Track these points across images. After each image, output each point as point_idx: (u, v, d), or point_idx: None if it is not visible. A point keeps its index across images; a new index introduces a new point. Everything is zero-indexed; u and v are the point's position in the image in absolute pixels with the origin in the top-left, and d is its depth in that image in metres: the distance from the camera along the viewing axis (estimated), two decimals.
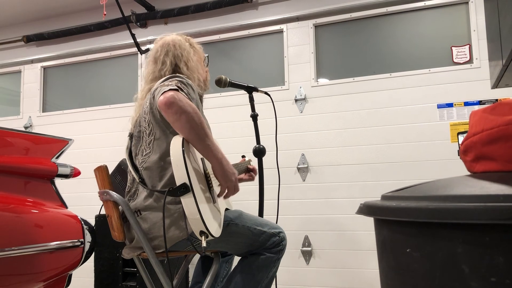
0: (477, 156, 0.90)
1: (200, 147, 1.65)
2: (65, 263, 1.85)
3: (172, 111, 1.57)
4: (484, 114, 0.89)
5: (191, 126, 1.59)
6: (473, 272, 0.69)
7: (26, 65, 4.55)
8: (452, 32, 3.29)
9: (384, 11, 3.44)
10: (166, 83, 1.69)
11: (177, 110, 1.57)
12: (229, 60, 3.89)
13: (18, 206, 1.75)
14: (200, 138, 1.62)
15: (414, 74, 3.30)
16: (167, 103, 1.57)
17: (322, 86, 3.54)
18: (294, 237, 3.37)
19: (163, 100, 1.58)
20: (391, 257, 0.87)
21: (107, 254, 2.99)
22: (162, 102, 1.58)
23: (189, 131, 1.61)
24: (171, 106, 1.57)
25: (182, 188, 1.53)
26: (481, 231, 0.68)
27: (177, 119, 1.58)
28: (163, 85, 1.67)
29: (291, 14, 3.67)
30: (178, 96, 1.58)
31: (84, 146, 4.07)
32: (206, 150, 1.65)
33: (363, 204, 0.97)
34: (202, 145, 1.64)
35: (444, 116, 3.20)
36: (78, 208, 2.64)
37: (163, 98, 1.58)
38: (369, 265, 3.22)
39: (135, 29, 4.02)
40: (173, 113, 1.58)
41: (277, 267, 1.91)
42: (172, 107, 1.57)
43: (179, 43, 1.94)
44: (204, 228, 1.53)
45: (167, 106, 1.57)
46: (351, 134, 3.39)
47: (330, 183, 3.39)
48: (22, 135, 1.95)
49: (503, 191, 0.70)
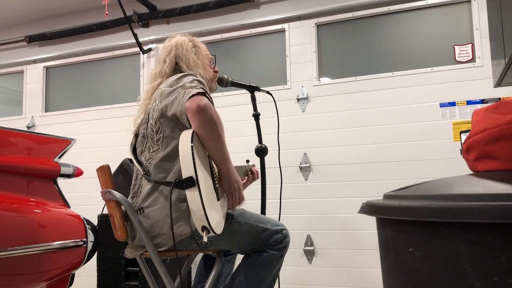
0: (480, 155, 0.90)
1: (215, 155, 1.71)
2: (67, 263, 1.85)
3: (202, 118, 1.60)
4: (487, 113, 0.89)
5: (213, 135, 1.64)
6: (476, 271, 0.69)
7: (29, 65, 4.56)
8: (454, 30, 3.28)
9: (386, 10, 3.43)
10: (187, 84, 1.70)
11: (206, 118, 1.60)
12: (231, 60, 3.89)
13: (21, 206, 1.75)
14: (218, 148, 1.69)
15: (417, 73, 3.30)
16: (198, 109, 1.59)
17: (324, 85, 3.53)
18: (296, 237, 3.36)
19: (194, 105, 1.60)
20: (393, 256, 0.87)
21: (110, 253, 3.00)
22: (193, 107, 1.60)
23: (210, 139, 1.65)
24: (201, 113, 1.60)
25: (188, 181, 1.55)
26: (484, 230, 0.68)
27: (202, 126, 1.62)
28: (186, 87, 1.68)
29: (293, 14, 3.67)
30: (207, 102, 1.61)
31: (86, 146, 4.08)
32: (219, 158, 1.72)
33: (365, 203, 0.97)
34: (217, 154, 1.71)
35: (446, 115, 3.19)
36: (81, 207, 2.65)
37: (193, 103, 1.60)
38: (372, 265, 3.21)
39: (137, 29, 4.03)
40: (201, 119, 1.61)
41: (281, 264, 1.92)
42: (202, 114, 1.60)
43: (182, 43, 1.97)
44: (206, 223, 1.54)
45: (197, 112, 1.60)
46: (353, 133, 3.38)
47: (333, 182, 3.39)
48: (24, 135, 1.95)
49: (506, 190, 0.70)
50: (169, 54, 1.94)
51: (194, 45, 2.00)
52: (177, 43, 1.96)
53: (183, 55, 1.93)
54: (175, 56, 1.93)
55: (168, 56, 1.94)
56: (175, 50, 1.94)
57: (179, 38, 2.00)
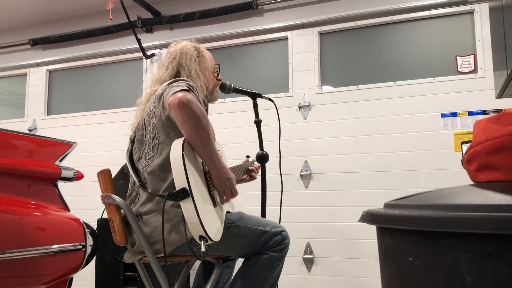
0: (481, 165, 0.90)
1: (202, 152, 1.68)
2: (66, 266, 1.84)
3: (184, 112, 1.58)
4: (488, 124, 0.89)
5: (198, 131, 1.61)
6: (476, 282, 0.69)
7: (32, 68, 4.58)
8: (457, 41, 3.29)
9: (389, 19, 3.44)
10: (175, 84, 1.70)
11: (188, 112, 1.58)
12: (234, 66, 3.90)
13: (21, 208, 1.75)
14: (204, 144, 1.65)
15: (419, 83, 3.30)
16: (180, 103, 1.57)
17: (326, 94, 3.54)
18: (296, 245, 3.35)
19: (175, 100, 1.58)
20: (393, 265, 0.86)
21: (109, 258, 2.99)
22: (174, 102, 1.58)
23: (195, 136, 1.62)
24: (184, 107, 1.57)
25: (182, 193, 1.54)
26: (484, 241, 0.68)
27: (187, 121, 1.59)
28: (173, 86, 1.68)
29: (296, 22, 3.69)
30: (190, 97, 1.59)
31: (87, 150, 4.08)
32: (207, 156, 1.68)
33: (366, 212, 0.96)
34: (204, 150, 1.66)
35: (448, 125, 3.19)
36: (81, 211, 2.64)
37: (175, 98, 1.58)
38: (371, 274, 3.20)
39: (140, 34, 4.05)
40: (183, 114, 1.58)
41: (282, 266, 1.91)
42: (184, 108, 1.57)
43: (187, 50, 1.95)
44: (203, 233, 1.53)
45: (179, 107, 1.57)
46: (355, 142, 3.38)
47: (333, 191, 3.38)
48: (26, 137, 1.96)
49: (507, 201, 0.70)
50: (172, 62, 1.94)
51: (199, 54, 1.98)
52: (182, 50, 1.95)
53: (186, 65, 1.92)
54: (177, 65, 1.93)
55: (171, 64, 1.94)
56: (179, 59, 1.93)
57: (185, 44, 1.98)
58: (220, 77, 2.11)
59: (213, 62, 2.08)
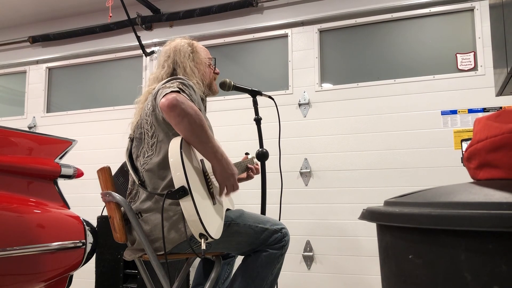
0: (481, 163, 0.90)
1: (202, 149, 1.68)
2: (66, 264, 1.85)
3: (175, 113, 1.58)
4: (488, 122, 0.89)
5: (193, 129, 1.61)
6: (476, 279, 0.69)
7: (31, 66, 4.58)
8: (457, 39, 3.29)
9: (389, 17, 3.44)
10: (167, 85, 1.71)
11: (179, 113, 1.58)
12: (233, 64, 3.90)
13: (21, 206, 1.75)
14: (202, 141, 1.65)
15: (418, 80, 3.30)
16: (170, 105, 1.57)
17: (326, 91, 3.54)
18: (295, 242, 3.35)
19: (166, 102, 1.58)
20: (393, 263, 0.87)
21: (109, 255, 2.99)
22: (165, 105, 1.59)
23: (191, 134, 1.62)
24: (174, 109, 1.58)
25: (181, 191, 1.54)
26: (484, 238, 0.68)
27: (180, 121, 1.60)
28: (165, 87, 1.69)
29: (296, 19, 3.68)
30: (180, 98, 1.59)
31: (87, 147, 4.08)
32: (207, 152, 1.68)
33: (366, 209, 0.96)
34: (203, 147, 1.66)
35: (448, 123, 3.19)
36: (81, 209, 2.64)
37: (165, 100, 1.59)
38: (371, 271, 3.20)
39: (140, 31, 4.04)
40: (175, 116, 1.59)
41: (281, 263, 1.91)
42: (174, 109, 1.58)
43: (180, 47, 1.97)
44: (203, 231, 1.53)
45: (169, 109, 1.58)
46: (354, 139, 3.38)
47: (333, 188, 3.38)
48: (26, 135, 1.95)
49: (507, 199, 0.70)
50: (168, 60, 1.96)
51: (193, 50, 2.00)
52: (175, 48, 1.97)
53: (181, 62, 1.93)
54: (173, 63, 1.95)
55: (167, 62, 1.96)
56: (173, 57, 1.95)
57: (178, 42, 2.00)
58: (217, 70, 2.12)
59: (208, 56, 2.09)
